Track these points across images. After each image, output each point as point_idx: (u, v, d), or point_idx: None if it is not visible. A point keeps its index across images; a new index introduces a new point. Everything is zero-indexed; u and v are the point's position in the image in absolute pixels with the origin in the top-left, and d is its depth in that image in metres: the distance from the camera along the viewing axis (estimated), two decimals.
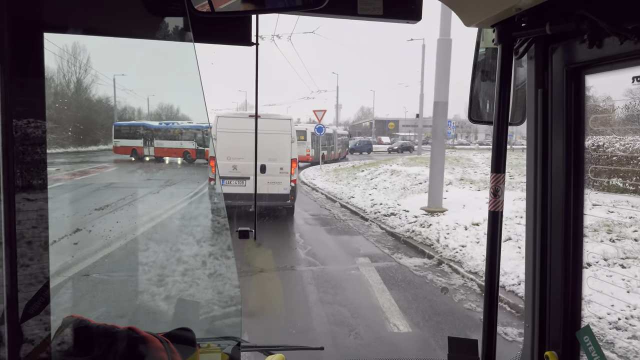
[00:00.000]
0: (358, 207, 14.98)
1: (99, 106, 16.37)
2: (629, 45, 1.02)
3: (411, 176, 18.83)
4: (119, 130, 23.08)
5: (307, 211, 14.90)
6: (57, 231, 4.51)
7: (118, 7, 1.33)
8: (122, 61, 9.40)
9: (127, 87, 16.81)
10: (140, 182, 15.08)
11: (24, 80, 1.15)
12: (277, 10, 1.32)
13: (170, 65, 2.36)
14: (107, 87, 14.54)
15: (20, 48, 1.11)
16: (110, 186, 12.63)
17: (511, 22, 1.27)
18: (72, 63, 11.30)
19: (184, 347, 1.33)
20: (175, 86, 9.40)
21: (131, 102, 24.07)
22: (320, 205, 16.41)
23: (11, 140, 0.95)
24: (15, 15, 0.93)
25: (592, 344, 1.23)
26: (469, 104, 1.58)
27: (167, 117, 27.26)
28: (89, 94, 14.35)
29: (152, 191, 12.86)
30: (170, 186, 14.73)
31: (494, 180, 1.29)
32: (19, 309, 1.06)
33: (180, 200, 12.11)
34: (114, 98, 17.09)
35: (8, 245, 0.93)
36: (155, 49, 1.50)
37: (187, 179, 18.81)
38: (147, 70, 8.37)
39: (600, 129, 3.94)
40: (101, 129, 19.91)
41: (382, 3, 1.42)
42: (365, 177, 21.73)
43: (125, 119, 22.34)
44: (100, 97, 16.32)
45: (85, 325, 1.22)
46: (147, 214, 10.01)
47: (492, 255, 1.32)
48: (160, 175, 19.95)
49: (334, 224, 12.90)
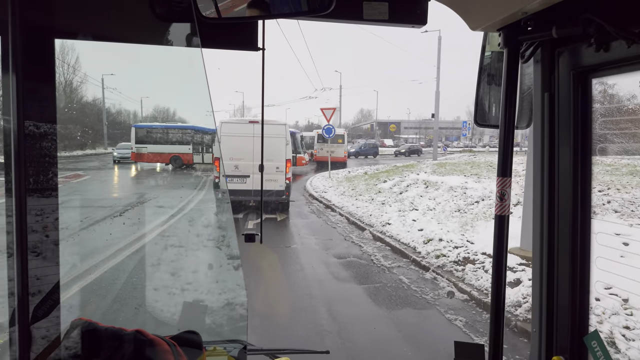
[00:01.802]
0: (402, 241, 10.14)
1: (106, 110, 16.17)
2: (636, 49, 1.01)
3: (456, 190, 13.97)
4: (144, 134, 20.56)
5: (328, 249, 10.04)
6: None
7: (127, 14, 1.36)
8: (131, 67, 8.20)
9: (133, 91, 17.52)
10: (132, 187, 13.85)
11: (36, 85, 1.18)
12: (283, 15, 1.31)
13: (178, 70, 2.45)
14: (112, 90, 14.60)
15: (32, 53, 1.14)
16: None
17: (517, 26, 1.25)
18: (78, 68, 10.65)
19: (190, 350, 1.35)
20: (183, 91, 9.59)
21: (138, 106, 23.66)
22: (344, 235, 11.54)
23: (23, 144, 0.96)
24: (27, 22, 0.94)
25: (600, 349, 1.21)
26: (474, 108, 1.57)
27: (164, 119, 26.01)
28: (82, 96, 14.33)
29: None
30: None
31: (500, 184, 1.29)
32: (30, 311, 1.03)
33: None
34: (115, 101, 16.72)
35: (20, 247, 0.92)
36: (164, 55, 1.55)
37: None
38: (155, 75, 9.02)
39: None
40: (89, 133, 18.22)
41: (388, 7, 1.43)
42: (391, 190, 16.91)
43: (121, 121, 20.15)
44: (111, 101, 16.21)
45: (93, 328, 1.24)
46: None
47: (498, 259, 1.30)
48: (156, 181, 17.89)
49: (377, 277, 8.05)
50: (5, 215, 1.06)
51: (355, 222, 12.82)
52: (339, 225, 12.85)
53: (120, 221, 9.02)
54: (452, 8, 1.41)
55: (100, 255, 7.29)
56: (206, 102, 1.51)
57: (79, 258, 6.76)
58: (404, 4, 1.45)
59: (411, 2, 1.45)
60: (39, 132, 1.18)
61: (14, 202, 0.94)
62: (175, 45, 1.41)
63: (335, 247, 10.32)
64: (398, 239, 10.38)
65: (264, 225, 11.27)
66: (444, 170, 21.49)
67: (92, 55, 1.92)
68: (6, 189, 1.06)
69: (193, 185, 16.10)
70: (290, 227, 12.53)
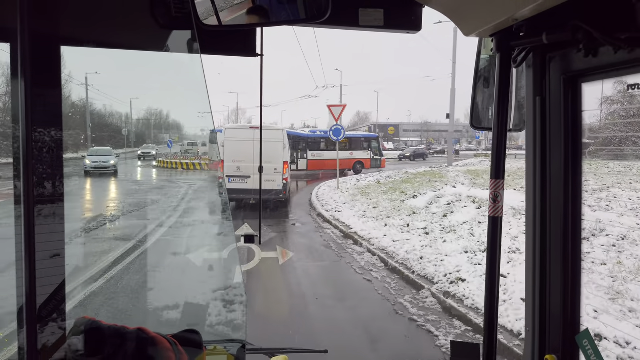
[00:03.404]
0: (507, 327, 5.55)
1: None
2: (623, 55, 1.04)
3: (523, 213, 9.28)
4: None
5: (375, 342, 5.46)
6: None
7: (130, 22, 1.39)
8: (133, 72, 12.19)
9: (135, 96, 20.57)
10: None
11: (43, 91, 1.21)
12: (281, 23, 1.33)
13: (178, 76, 2.58)
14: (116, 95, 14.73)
15: (40, 60, 1.16)
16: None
17: (509, 32, 1.27)
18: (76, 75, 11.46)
19: (191, 348, 1.37)
20: (183, 96, 10.32)
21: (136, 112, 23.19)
22: (390, 299, 7.00)
23: (31, 149, 0.97)
24: (35, 30, 0.95)
25: (591, 347, 1.24)
26: (470, 111, 1.60)
27: (157, 125, 26.68)
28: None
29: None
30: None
31: (493, 186, 1.30)
32: (37, 310, 1.05)
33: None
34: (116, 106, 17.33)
35: (27, 248, 0.93)
36: (164, 61, 1.62)
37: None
38: (156, 81, 9.31)
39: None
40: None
41: (383, 14, 1.45)
42: (428, 209, 12.64)
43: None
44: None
45: (97, 327, 1.26)
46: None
47: (492, 260, 1.31)
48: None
49: None
50: (14, 217, 1.10)
51: (399, 269, 8.25)
52: (373, 275, 8.23)
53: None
54: (446, 14, 1.42)
55: (106, 257, 7.42)
56: (206, 106, 1.61)
57: (84, 259, 7.12)
58: (399, 10, 1.47)
59: (406, 8, 1.47)
60: (46, 137, 1.21)
61: (23, 205, 0.94)
62: (176, 52, 1.45)
63: (386, 335, 5.74)
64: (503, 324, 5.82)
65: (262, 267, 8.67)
66: (483, 182, 17.05)
67: (95, 61, 1.98)
68: (15, 193, 1.09)
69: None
70: (299, 278, 8.01)
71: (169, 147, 33.27)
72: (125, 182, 18.75)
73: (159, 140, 46.11)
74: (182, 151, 38.48)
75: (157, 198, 14.83)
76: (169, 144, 33.80)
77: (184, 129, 55.59)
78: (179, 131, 55.66)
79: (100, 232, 9.39)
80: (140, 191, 16.93)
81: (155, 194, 16.09)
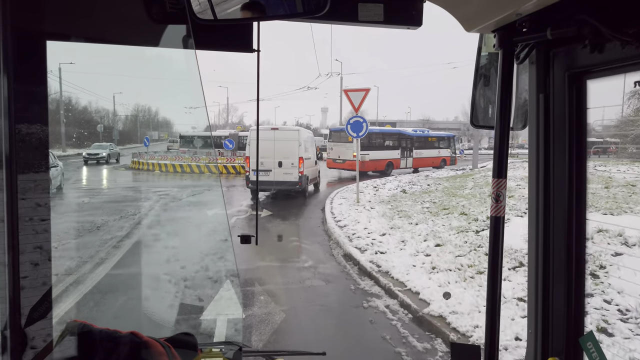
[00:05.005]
0: None
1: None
2: (630, 50, 1.01)
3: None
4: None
5: None
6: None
7: (121, 15, 1.35)
8: (125, 68, 12.12)
9: (128, 93, 17.98)
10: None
11: (27, 88, 1.17)
12: (278, 17, 1.30)
13: (172, 72, 2.40)
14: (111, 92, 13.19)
15: (24, 56, 1.13)
16: None
17: (512, 28, 1.24)
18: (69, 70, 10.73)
19: (185, 351, 1.33)
20: (178, 92, 9.95)
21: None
22: None
23: (14, 147, 0.94)
24: (17, 24, 0.92)
25: (595, 350, 1.20)
26: (471, 109, 1.56)
27: (154, 123, 25.55)
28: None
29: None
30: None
31: (495, 185, 1.28)
32: (22, 315, 1.04)
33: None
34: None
35: (11, 250, 0.90)
36: (158, 56, 1.65)
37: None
38: (149, 76, 9.05)
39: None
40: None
41: (383, 9, 1.43)
42: None
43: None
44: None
45: (88, 330, 1.22)
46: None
47: (493, 260, 1.29)
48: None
49: None
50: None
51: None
52: None
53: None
54: (447, 9, 1.41)
55: (95, 257, 7.14)
56: (200, 102, 1.54)
57: (72, 260, 6.78)
58: (399, 5, 1.44)
59: (406, 3, 1.45)
60: (30, 133, 1.16)
61: (5, 204, 0.89)
62: (170, 47, 1.40)
63: None
64: None
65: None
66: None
67: (80, 56, 1.41)
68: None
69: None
70: None
71: (145, 145, 28.30)
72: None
73: (151, 137, 41.86)
74: (167, 149, 33.97)
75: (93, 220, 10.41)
76: (146, 141, 28.85)
77: (174, 126, 51.90)
78: (168, 128, 52.13)
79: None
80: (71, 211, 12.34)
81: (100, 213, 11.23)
